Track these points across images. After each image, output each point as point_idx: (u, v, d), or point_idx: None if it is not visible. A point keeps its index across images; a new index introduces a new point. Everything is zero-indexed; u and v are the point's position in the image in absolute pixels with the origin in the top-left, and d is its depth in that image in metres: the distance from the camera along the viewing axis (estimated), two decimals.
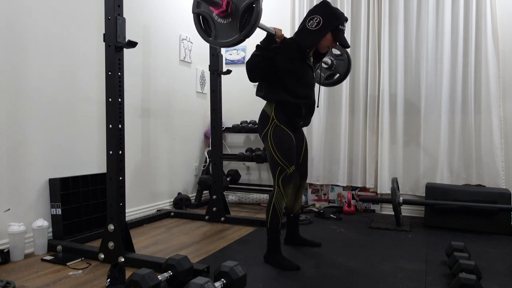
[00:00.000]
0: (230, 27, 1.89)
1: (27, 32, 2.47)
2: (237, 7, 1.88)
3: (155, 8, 3.61)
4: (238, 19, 1.88)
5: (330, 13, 2.30)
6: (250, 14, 1.87)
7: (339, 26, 2.30)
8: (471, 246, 2.67)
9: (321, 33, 2.29)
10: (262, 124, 2.38)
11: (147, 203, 3.56)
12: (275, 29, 2.26)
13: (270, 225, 2.27)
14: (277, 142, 2.29)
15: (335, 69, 3.05)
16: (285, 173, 2.26)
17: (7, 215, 2.37)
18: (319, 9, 2.32)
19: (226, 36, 1.91)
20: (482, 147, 3.46)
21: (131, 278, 1.70)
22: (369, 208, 3.90)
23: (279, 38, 2.28)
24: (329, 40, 2.34)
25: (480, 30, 3.45)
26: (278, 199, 2.26)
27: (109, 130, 2.27)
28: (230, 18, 1.91)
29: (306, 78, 2.36)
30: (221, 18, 1.93)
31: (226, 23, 1.91)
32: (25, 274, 2.11)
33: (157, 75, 3.65)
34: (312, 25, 2.29)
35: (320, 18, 2.28)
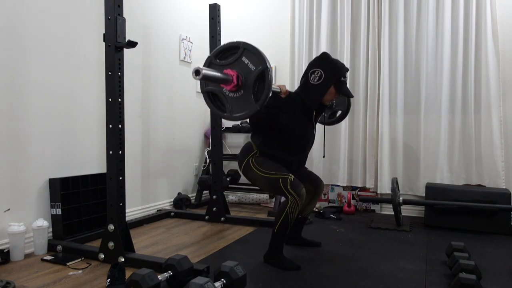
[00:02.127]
0: (244, 99, 1.86)
1: (27, 32, 2.47)
2: (247, 79, 1.86)
3: (155, 8, 3.61)
4: (250, 90, 1.85)
5: (331, 66, 2.30)
6: (261, 82, 1.85)
7: (341, 79, 2.30)
8: (471, 246, 2.67)
9: (324, 87, 2.30)
10: (242, 155, 2.37)
11: (147, 203, 3.56)
12: (280, 86, 2.25)
13: (278, 230, 2.23)
14: (261, 164, 2.29)
15: (335, 107, 3.06)
16: (289, 180, 2.21)
17: (7, 215, 2.37)
18: (320, 62, 2.33)
19: (242, 108, 1.87)
20: (482, 147, 3.46)
21: (131, 278, 1.70)
22: (369, 208, 3.90)
23: (284, 94, 2.27)
24: (332, 93, 2.34)
25: (480, 30, 3.45)
26: (293, 208, 2.19)
27: (109, 130, 2.27)
28: (242, 91, 1.87)
29: (306, 135, 2.37)
30: (232, 93, 1.90)
31: (239, 96, 1.88)
32: (25, 274, 2.11)
33: (157, 75, 3.65)
34: (314, 79, 2.30)
35: (322, 72, 2.29)
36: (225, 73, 1.85)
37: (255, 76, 1.84)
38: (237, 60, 1.89)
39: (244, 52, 1.88)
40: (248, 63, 1.87)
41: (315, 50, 4.03)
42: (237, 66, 1.88)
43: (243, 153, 2.39)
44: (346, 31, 3.89)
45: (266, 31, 4.37)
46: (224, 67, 1.88)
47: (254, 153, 2.35)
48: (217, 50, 1.95)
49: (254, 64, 1.85)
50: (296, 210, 2.21)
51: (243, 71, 1.87)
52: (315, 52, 4.03)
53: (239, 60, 1.88)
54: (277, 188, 2.24)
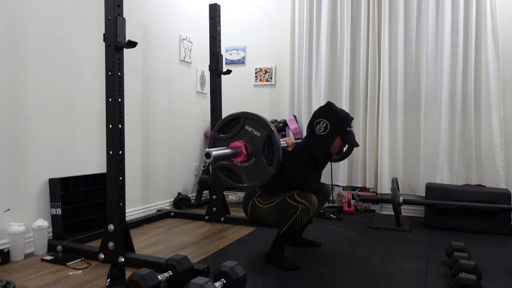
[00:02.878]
0: (257, 166, 1.89)
1: (27, 32, 2.47)
2: (255, 146, 1.89)
3: (155, 8, 3.61)
4: (261, 156, 1.87)
5: (336, 116, 2.31)
6: (269, 146, 1.88)
7: (346, 129, 2.31)
8: (471, 246, 2.67)
9: (331, 138, 2.30)
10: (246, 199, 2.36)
11: (147, 203, 3.56)
12: (286, 141, 2.27)
13: (284, 232, 2.21)
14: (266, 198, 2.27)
15: None
16: (296, 193, 2.21)
17: (7, 215, 2.37)
18: (325, 113, 2.33)
19: (257, 175, 1.90)
20: (482, 147, 3.46)
21: (131, 278, 1.70)
22: (369, 208, 3.90)
23: (291, 146, 2.28)
24: (338, 143, 2.35)
25: (480, 30, 3.45)
26: (303, 214, 2.17)
27: (109, 130, 2.26)
28: (253, 158, 1.90)
29: (313, 183, 2.35)
30: (244, 163, 1.92)
31: (251, 164, 1.91)
32: (25, 274, 2.11)
33: (157, 75, 3.65)
34: (320, 130, 2.31)
35: (327, 123, 2.29)
36: (233, 147, 1.87)
37: (262, 141, 1.88)
38: (241, 130, 1.93)
39: (246, 121, 1.93)
40: (252, 130, 1.91)
41: (315, 50, 4.03)
42: (242, 136, 1.92)
43: (247, 197, 2.37)
44: (346, 31, 3.89)
45: (266, 31, 4.38)
46: (229, 140, 1.92)
47: (259, 194, 2.33)
48: (219, 125, 2.00)
49: (258, 130, 1.89)
50: (306, 217, 2.18)
51: (250, 139, 1.91)
52: (315, 52, 4.03)
53: (242, 130, 1.93)
54: (287, 207, 2.20)
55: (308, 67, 4.07)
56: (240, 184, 1.95)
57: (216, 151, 1.75)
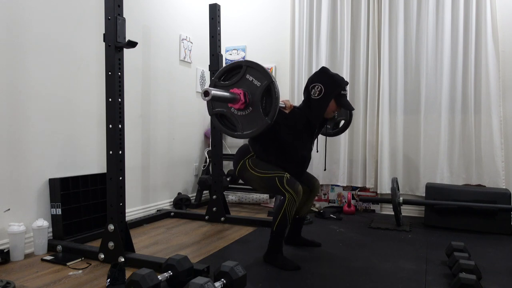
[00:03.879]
0: (254, 116, 1.88)
1: (27, 32, 2.47)
2: (254, 95, 1.88)
3: (155, 8, 3.61)
4: (259, 106, 1.87)
5: (330, 80, 2.33)
6: (268, 97, 1.87)
7: (341, 92, 2.33)
8: (471, 246, 2.67)
9: (325, 102, 2.32)
10: (238, 157, 2.39)
11: (147, 203, 3.56)
12: (285, 102, 2.28)
13: (276, 229, 2.24)
14: (257, 164, 2.31)
15: (338, 117, 3.07)
16: (285, 178, 2.23)
17: (7, 215, 2.37)
18: (319, 77, 2.35)
19: (253, 125, 1.89)
20: (482, 147, 3.46)
21: (131, 278, 1.70)
22: (369, 208, 3.90)
23: (289, 108, 2.29)
24: (333, 107, 2.37)
25: (480, 30, 3.45)
26: (290, 205, 2.21)
27: (109, 130, 2.26)
28: (250, 108, 1.89)
29: (304, 150, 2.38)
30: (241, 111, 1.91)
31: (248, 113, 1.90)
32: (25, 274, 2.11)
33: (157, 75, 3.65)
34: (315, 94, 2.33)
35: (322, 87, 2.31)
36: (232, 92, 1.86)
37: (262, 91, 1.87)
38: (241, 79, 1.92)
39: (247, 70, 1.91)
40: (252, 80, 1.90)
41: (315, 50, 4.04)
42: (242, 84, 1.91)
43: (239, 155, 2.41)
44: (346, 31, 3.89)
45: (266, 31, 4.38)
46: (229, 87, 1.91)
47: (251, 155, 2.37)
48: (221, 72, 1.97)
49: (259, 79, 1.88)
50: (294, 207, 2.22)
51: (249, 88, 1.89)
52: (315, 52, 4.03)
53: (243, 79, 1.91)
54: (273, 186, 2.25)
55: (308, 67, 4.07)
56: (235, 132, 1.94)
57: (215, 91, 1.73)
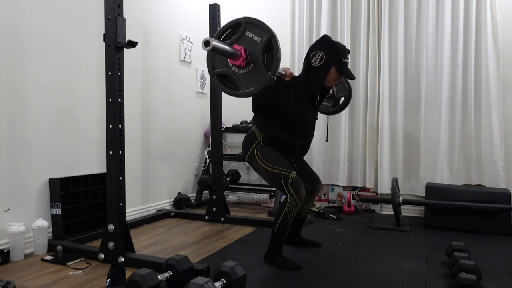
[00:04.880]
0: (256, 72, 1.84)
1: (28, 32, 2.47)
2: (254, 52, 1.85)
3: (155, 8, 3.61)
4: (260, 62, 1.83)
5: (332, 47, 2.31)
6: (269, 52, 1.84)
7: (342, 60, 2.31)
8: (471, 246, 2.66)
9: (326, 68, 2.30)
10: (246, 145, 2.38)
11: (147, 203, 3.56)
12: (285, 69, 2.26)
13: (277, 230, 2.24)
14: (266, 156, 2.29)
15: (338, 94, 3.07)
16: (291, 178, 2.22)
17: (7, 215, 2.37)
18: (321, 45, 2.33)
19: (255, 82, 1.84)
20: (482, 147, 3.46)
21: (131, 278, 1.70)
22: (369, 208, 3.90)
23: (289, 77, 2.28)
24: (334, 74, 2.34)
25: (480, 30, 3.45)
26: (292, 206, 2.21)
27: (109, 130, 2.26)
28: (251, 65, 1.86)
29: (309, 119, 2.37)
30: (242, 69, 1.88)
31: (249, 70, 1.86)
32: (25, 274, 2.11)
33: (157, 75, 3.65)
34: (316, 61, 2.31)
35: (323, 54, 2.30)
36: (233, 48, 1.82)
37: (262, 46, 1.83)
38: (241, 36, 1.87)
39: (247, 26, 1.86)
40: (252, 36, 1.86)
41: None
42: (242, 42, 1.86)
43: (247, 142, 2.38)
44: (346, 30, 3.89)
45: None
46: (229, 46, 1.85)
47: (258, 141, 2.34)
48: (220, 31, 1.93)
49: (259, 35, 1.84)
50: (295, 209, 2.22)
51: (250, 45, 1.85)
52: None
53: (243, 36, 1.87)
54: (278, 183, 2.25)
55: None
56: (237, 91, 1.90)
57: (216, 42, 1.69)
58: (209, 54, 1.96)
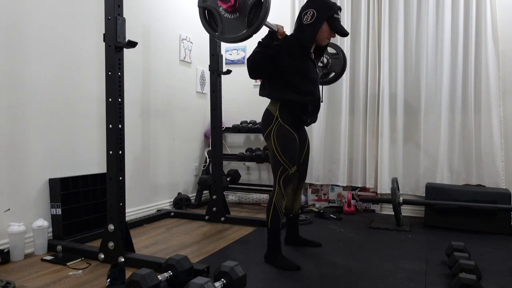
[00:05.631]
0: (238, 23, 1.86)
1: (28, 32, 2.47)
2: (245, 2, 1.85)
3: (155, 8, 3.61)
4: (246, 15, 1.84)
5: (322, 4, 2.32)
6: (258, 10, 1.85)
7: (333, 15, 2.31)
8: (471, 246, 2.67)
9: (317, 24, 2.30)
10: (265, 123, 2.37)
11: (147, 203, 3.56)
12: (277, 26, 2.26)
13: (271, 225, 2.28)
14: (281, 142, 2.29)
15: (330, 68, 3.07)
16: (286, 173, 2.27)
17: (7, 215, 2.37)
18: (311, 3, 2.34)
19: (233, 31, 1.87)
20: (482, 147, 3.46)
21: (131, 278, 1.71)
22: (369, 208, 3.90)
23: (281, 35, 2.28)
24: (326, 31, 2.35)
25: (480, 30, 3.45)
26: (279, 199, 2.27)
27: (109, 130, 2.27)
28: (237, 13, 1.87)
29: (310, 74, 2.35)
30: (228, 13, 1.89)
31: (233, 18, 1.87)
32: (25, 274, 2.11)
33: (157, 75, 3.65)
34: (307, 19, 2.30)
35: (314, 11, 2.30)
36: None
37: (254, 1, 1.84)
38: None
39: None
40: None
41: None
42: None
43: (265, 121, 2.36)
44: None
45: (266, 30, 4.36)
46: None
47: (276, 118, 2.31)
48: None
49: None
50: (282, 201, 2.28)
51: None
52: None
53: None
54: (275, 170, 2.30)
55: None
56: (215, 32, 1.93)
57: None
58: None
